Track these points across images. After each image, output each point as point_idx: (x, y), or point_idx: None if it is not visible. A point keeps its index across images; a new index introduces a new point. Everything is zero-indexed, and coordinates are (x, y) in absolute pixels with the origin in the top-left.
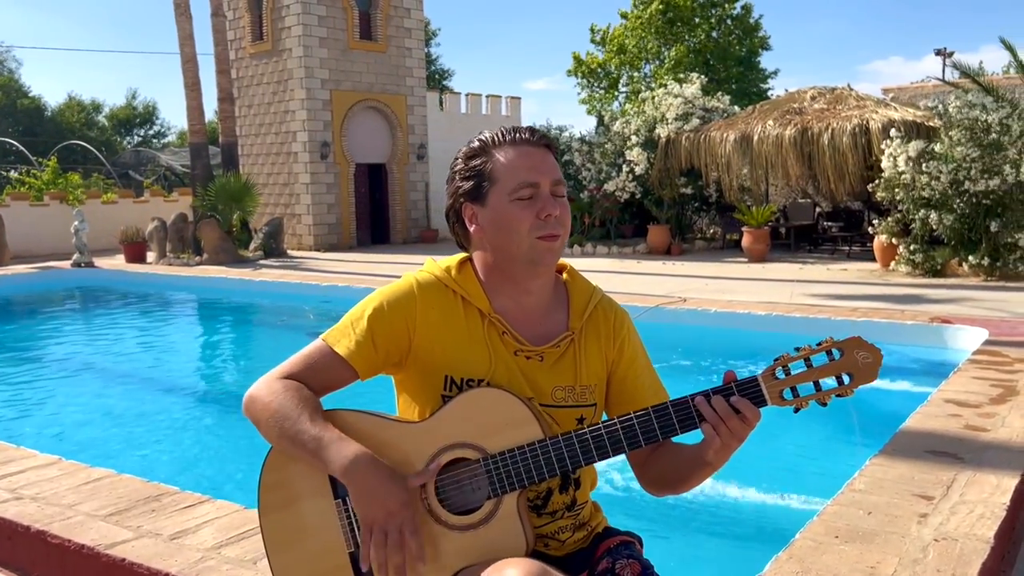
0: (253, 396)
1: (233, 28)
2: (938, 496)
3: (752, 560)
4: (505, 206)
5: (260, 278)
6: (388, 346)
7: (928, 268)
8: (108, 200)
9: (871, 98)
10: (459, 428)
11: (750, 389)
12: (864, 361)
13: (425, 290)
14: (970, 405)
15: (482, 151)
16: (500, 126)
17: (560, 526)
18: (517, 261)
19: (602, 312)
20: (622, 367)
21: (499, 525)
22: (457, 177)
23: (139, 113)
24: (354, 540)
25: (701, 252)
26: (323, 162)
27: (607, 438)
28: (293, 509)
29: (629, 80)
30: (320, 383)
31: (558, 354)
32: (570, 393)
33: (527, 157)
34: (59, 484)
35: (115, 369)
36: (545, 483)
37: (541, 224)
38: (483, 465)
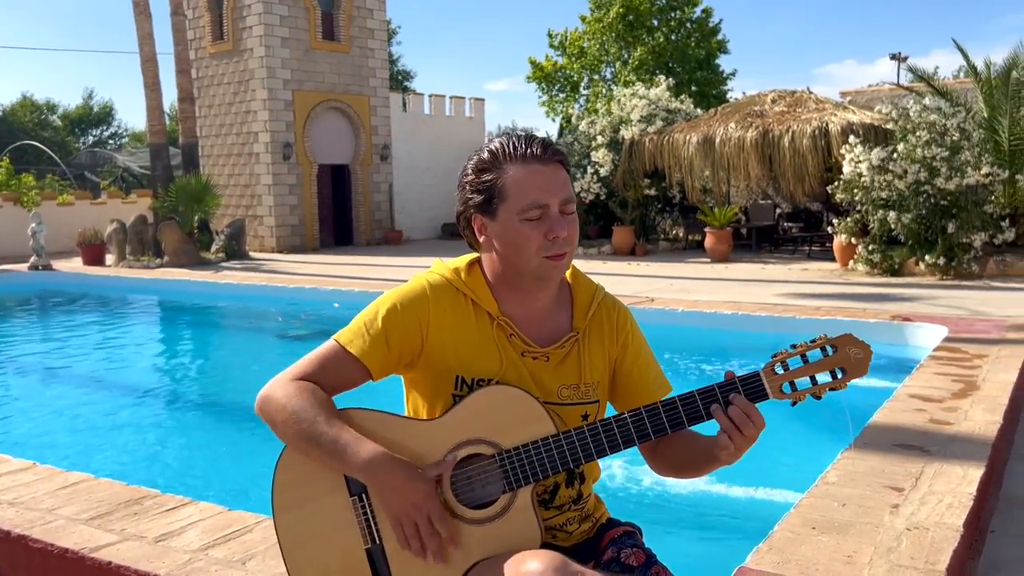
0: (267, 397)
1: (193, 27)
2: (908, 487)
3: (732, 552)
4: (514, 224)
5: (224, 280)
6: (401, 347)
7: (886, 267)
8: (64, 202)
9: (830, 101)
10: (473, 425)
11: (753, 384)
12: (856, 357)
13: (437, 292)
14: (934, 400)
15: (493, 164)
16: (513, 135)
17: (567, 518)
18: (524, 275)
19: (605, 311)
20: (627, 363)
21: (514, 518)
22: (468, 187)
23: (95, 113)
24: (371, 536)
25: (665, 253)
26: (285, 163)
27: (618, 432)
28: (308, 507)
29: (590, 83)
30: (333, 383)
31: (563, 354)
32: (575, 391)
33: (538, 176)
34: (36, 489)
35: (79, 373)
36: (552, 478)
37: (549, 244)
38: (498, 460)
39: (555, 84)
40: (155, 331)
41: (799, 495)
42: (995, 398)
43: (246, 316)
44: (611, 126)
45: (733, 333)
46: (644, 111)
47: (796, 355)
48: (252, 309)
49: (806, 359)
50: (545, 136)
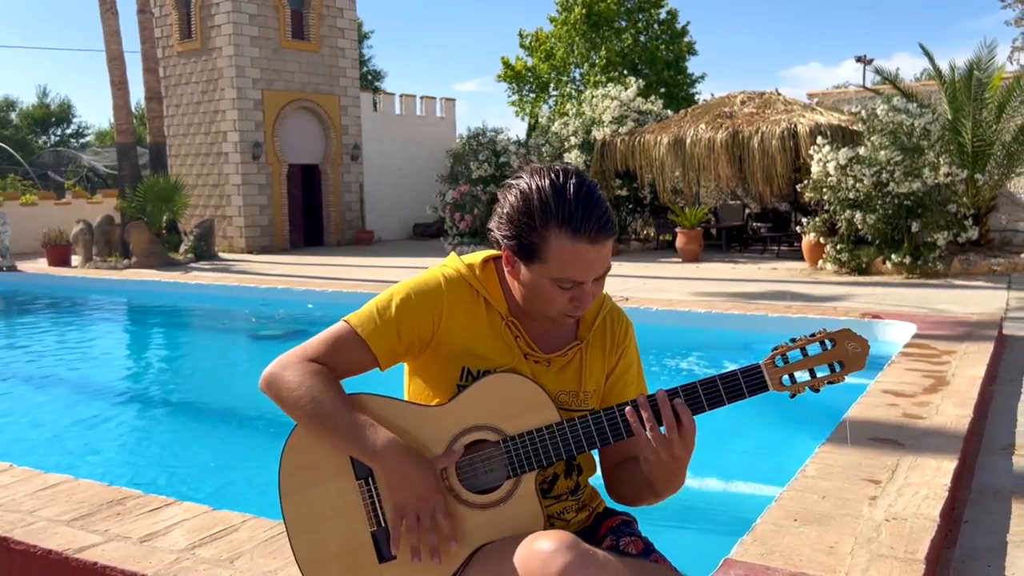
0: (277, 375)
1: (160, 25)
2: (885, 480)
3: (716, 545)
4: (545, 284)
5: (195, 281)
6: (412, 337)
7: (854, 266)
8: (27, 202)
9: (798, 103)
10: (479, 412)
11: (753, 375)
12: (854, 351)
13: (452, 286)
14: (906, 395)
15: (541, 220)
16: (571, 187)
17: (565, 507)
18: (538, 315)
19: (610, 322)
20: (616, 374)
21: (518, 504)
22: (505, 220)
23: (53, 112)
24: (376, 519)
25: (636, 253)
26: (255, 163)
27: (621, 420)
28: (315, 490)
29: (558, 84)
30: (341, 366)
31: (564, 361)
32: (573, 398)
33: (583, 257)
34: (14, 491)
35: (48, 375)
36: (552, 468)
37: (572, 308)
38: (503, 446)
39: (525, 84)
40: (125, 332)
41: (779, 489)
42: (965, 392)
43: (218, 317)
44: (583, 127)
45: (707, 331)
46: (616, 112)
47: (796, 348)
48: (224, 310)
49: (805, 352)
50: (603, 197)
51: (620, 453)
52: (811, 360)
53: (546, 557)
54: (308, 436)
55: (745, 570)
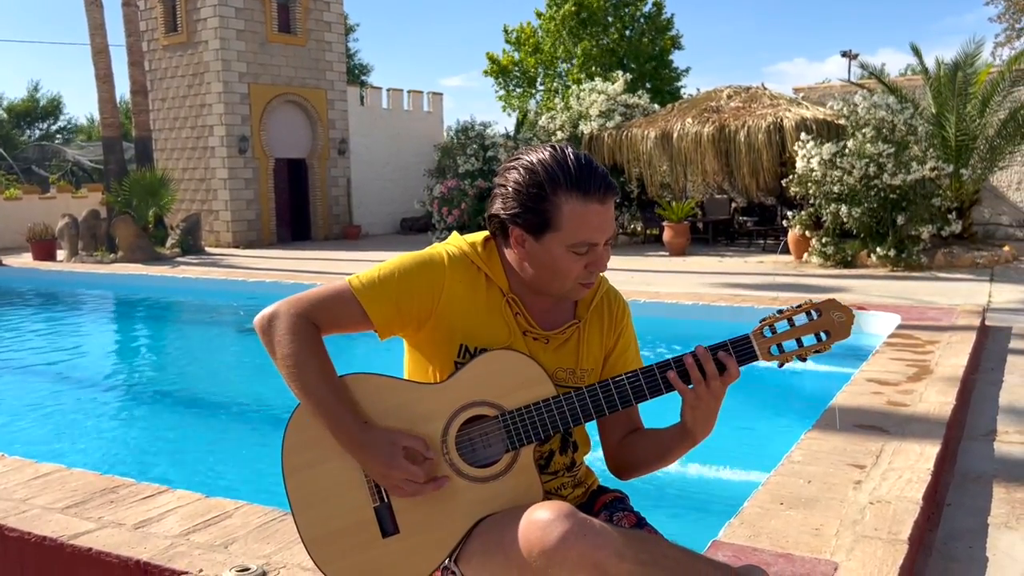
0: (274, 325)
1: (145, 19)
2: (869, 465)
3: (703, 529)
4: (560, 253)
5: (182, 275)
6: (410, 310)
7: (839, 259)
8: (11, 196)
9: (784, 97)
10: (477, 387)
11: (743, 345)
12: (839, 320)
13: (454, 263)
14: (890, 383)
15: (550, 187)
16: (570, 154)
17: (561, 483)
18: (551, 291)
19: (607, 302)
20: (615, 355)
21: (517, 476)
22: (512, 197)
23: (42, 106)
24: (378, 495)
25: (624, 247)
26: (241, 157)
27: (616, 392)
28: (317, 468)
29: (545, 79)
30: (335, 322)
31: (563, 339)
32: (571, 375)
33: (596, 217)
34: (7, 480)
35: (36, 368)
36: (548, 445)
37: (587, 275)
38: (501, 421)
39: (512, 79)
40: (113, 326)
41: (766, 475)
42: (948, 380)
43: (206, 310)
44: (570, 121)
45: (694, 323)
46: (603, 106)
47: (783, 319)
48: (211, 304)
49: (792, 323)
50: (599, 165)
51: (625, 426)
52: (798, 330)
53: (545, 526)
54: (308, 417)
55: (733, 551)
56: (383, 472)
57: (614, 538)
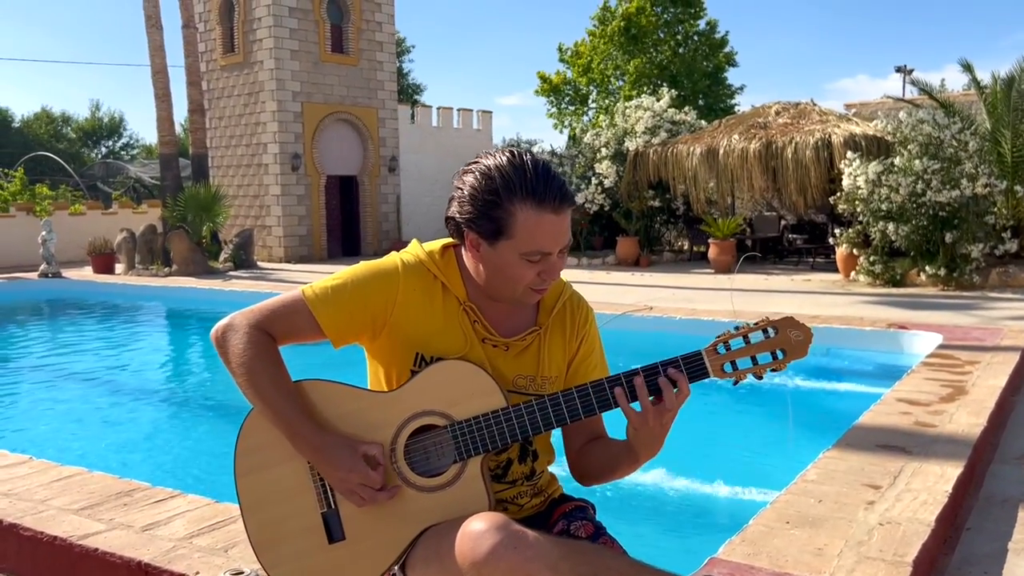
0: (228, 336)
1: (204, 40)
2: (885, 485)
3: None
4: (513, 259)
5: (230, 288)
6: (364, 319)
7: (888, 278)
8: (76, 212)
9: (833, 113)
10: (427, 397)
11: (694, 362)
12: (796, 339)
13: (409, 271)
14: (921, 403)
15: (505, 194)
16: (528, 164)
17: (519, 491)
18: (504, 297)
19: (569, 309)
20: (577, 360)
21: (464, 487)
22: (468, 202)
23: (105, 125)
24: (326, 501)
25: (669, 264)
26: (294, 174)
27: (564, 405)
28: (268, 472)
29: (599, 97)
30: (288, 333)
31: (523, 346)
32: (531, 382)
33: (549, 226)
34: (31, 481)
35: (85, 375)
36: (506, 454)
37: (539, 282)
38: (450, 431)
39: (564, 97)
40: (159, 337)
41: (779, 493)
42: (982, 402)
43: None
44: (615, 138)
45: None
46: (648, 123)
47: (739, 336)
48: None
49: (748, 340)
50: (558, 174)
51: (585, 434)
52: (753, 348)
53: (476, 537)
54: (262, 421)
55: (729, 569)
56: (342, 476)
57: (547, 551)
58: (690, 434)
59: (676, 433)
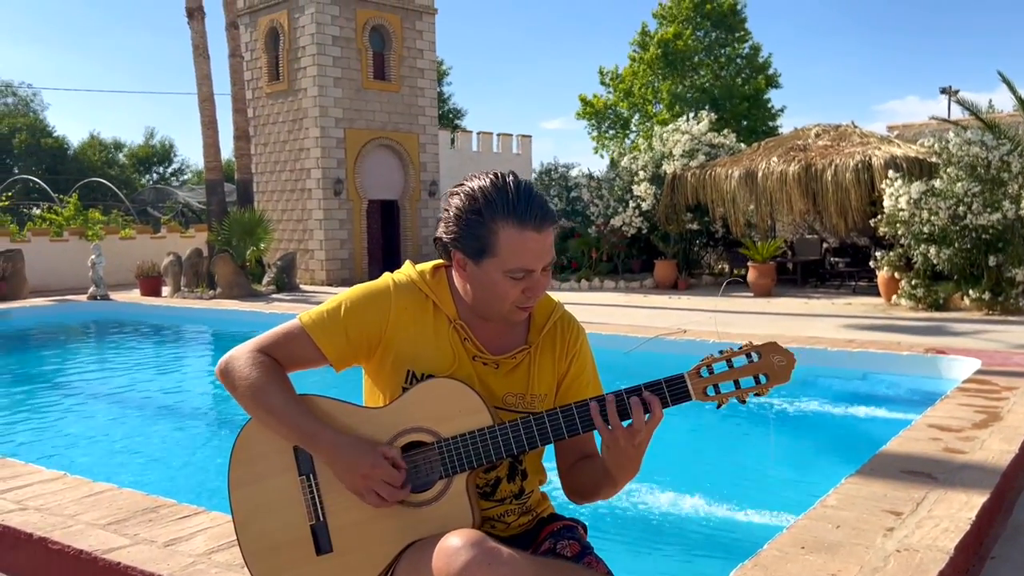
0: (232, 364)
1: (250, 68)
2: (907, 512)
3: (722, 571)
4: (498, 277)
5: (271, 311)
6: (360, 339)
7: (930, 302)
8: (126, 236)
9: (874, 135)
10: (416, 414)
11: (677, 385)
12: (779, 364)
13: (400, 290)
14: (952, 429)
15: (487, 214)
16: (511, 184)
17: (506, 510)
18: (491, 315)
19: (560, 328)
20: (568, 379)
21: (448, 503)
22: (454, 222)
23: (156, 151)
24: (315, 514)
25: (708, 287)
26: (336, 198)
27: (549, 424)
28: (261, 485)
29: (641, 120)
30: (291, 360)
31: (513, 364)
32: (520, 399)
33: (532, 244)
34: (63, 496)
35: (124, 395)
36: (494, 472)
37: (524, 299)
38: (437, 448)
39: (605, 121)
40: (198, 358)
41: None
42: (1016, 428)
43: None
44: (653, 161)
45: None
46: (687, 146)
47: (722, 360)
48: None
49: (731, 364)
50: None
51: (575, 452)
52: (736, 372)
53: (451, 553)
54: (256, 433)
55: None
56: (365, 473)
57: (521, 568)
58: (711, 455)
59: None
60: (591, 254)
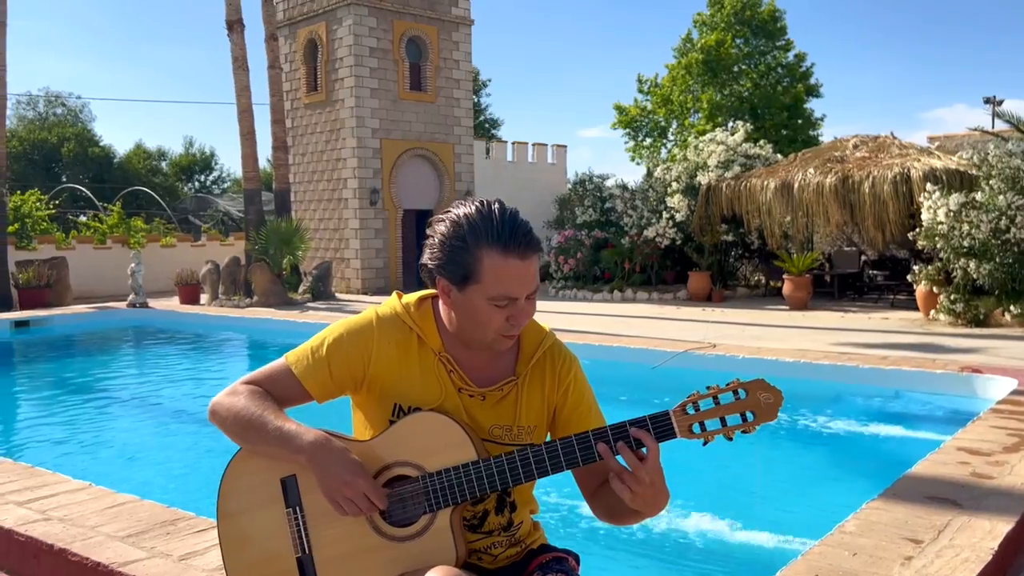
0: (218, 402)
1: (289, 79)
2: (927, 540)
3: None
4: (481, 304)
5: (304, 319)
6: (343, 374)
7: (970, 318)
8: (167, 244)
9: (914, 146)
10: (401, 448)
11: (661, 422)
12: (766, 402)
13: (383, 324)
14: (981, 453)
15: (471, 241)
16: (496, 211)
17: (494, 542)
18: (476, 343)
19: (550, 358)
20: (566, 410)
21: (432, 538)
22: (439, 249)
23: (197, 160)
24: (301, 546)
25: (743, 299)
26: (372, 208)
27: (533, 460)
28: (248, 515)
29: (679, 129)
30: (278, 397)
31: (500, 396)
32: (507, 432)
33: (515, 271)
34: (86, 507)
35: (155, 403)
36: (482, 504)
37: (508, 327)
38: (422, 482)
39: (642, 130)
40: (230, 366)
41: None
42: None
43: None
44: (687, 172)
45: (794, 381)
46: (722, 157)
47: (709, 397)
48: None
49: (717, 401)
50: (525, 221)
51: (594, 478)
52: (722, 409)
53: None
54: (244, 464)
55: None
56: (347, 480)
57: None
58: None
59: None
60: (624, 265)
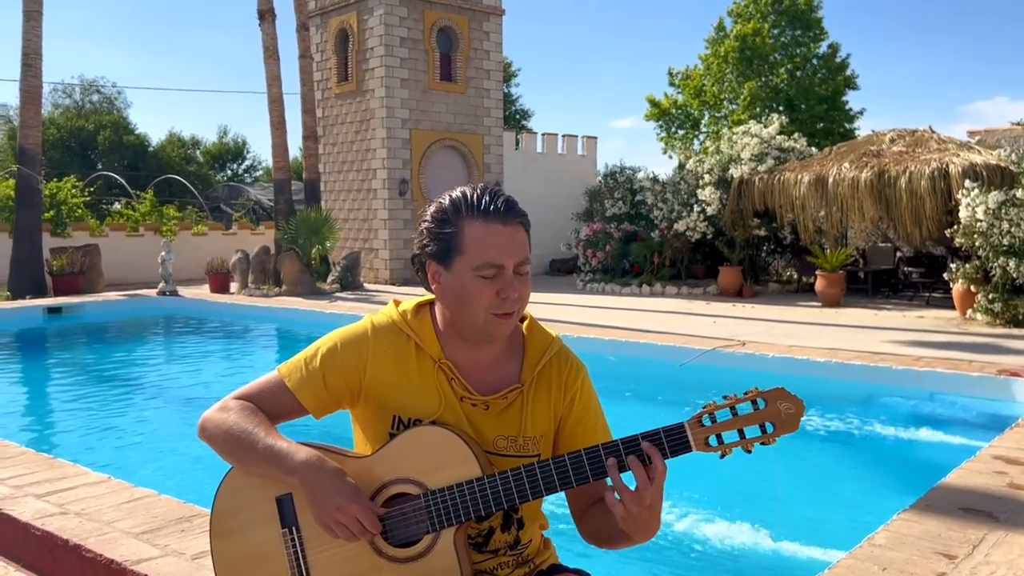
0: (207, 418)
1: (320, 69)
2: (962, 555)
3: None
4: (468, 278)
5: (332, 310)
6: (338, 385)
7: (1009, 318)
8: (198, 232)
9: (953, 141)
10: (402, 464)
11: (676, 435)
12: (787, 412)
13: (379, 333)
14: (1019, 463)
15: (453, 215)
16: (478, 188)
17: (500, 562)
18: (471, 329)
19: (556, 366)
20: (571, 421)
21: (436, 559)
22: (425, 233)
23: (230, 148)
24: (298, 569)
25: (774, 295)
26: (401, 199)
27: (541, 477)
28: (243, 536)
29: (711, 120)
30: (271, 411)
31: (504, 404)
32: (512, 443)
33: (498, 236)
34: (103, 501)
35: (182, 393)
36: (487, 522)
37: (499, 303)
38: (424, 500)
39: (674, 122)
40: (256, 356)
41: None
42: None
43: None
44: (719, 165)
45: (824, 381)
46: (755, 150)
47: (726, 407)
48: None
49: (735, 412)
50: (508, 195)
51: (586, 497)
52: (740, 420)
53: None
54: (238, 482)
55: None
56: (341, 504)
57: None
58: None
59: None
60: (653, 259)
